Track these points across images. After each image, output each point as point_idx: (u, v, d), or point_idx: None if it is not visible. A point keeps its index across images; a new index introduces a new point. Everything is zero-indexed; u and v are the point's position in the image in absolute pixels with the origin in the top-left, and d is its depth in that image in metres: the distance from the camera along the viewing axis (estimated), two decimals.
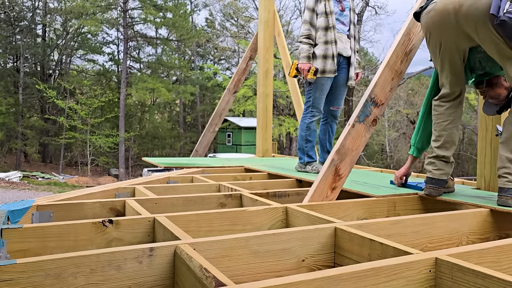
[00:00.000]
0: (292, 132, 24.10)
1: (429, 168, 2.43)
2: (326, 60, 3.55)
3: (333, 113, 3.82)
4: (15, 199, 13.16)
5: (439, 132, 2.44)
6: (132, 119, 28.92)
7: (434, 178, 2.39)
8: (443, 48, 2.34)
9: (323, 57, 3.55)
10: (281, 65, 14.75)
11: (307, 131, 3.68)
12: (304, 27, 3.59)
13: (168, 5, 26.27)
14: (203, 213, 1.85)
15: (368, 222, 1.70)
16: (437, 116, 2.46)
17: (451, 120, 2.42)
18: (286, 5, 65.45)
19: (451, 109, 2.43)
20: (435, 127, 2.47)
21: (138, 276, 1.27)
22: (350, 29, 3.70)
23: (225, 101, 6.19)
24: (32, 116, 26.89)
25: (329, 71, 3.56)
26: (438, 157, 2.42)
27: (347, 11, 3.69)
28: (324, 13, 3.56)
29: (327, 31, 3.55)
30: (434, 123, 2.48)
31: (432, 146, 2.47)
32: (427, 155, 2.54)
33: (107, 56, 30.00)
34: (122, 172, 24.17)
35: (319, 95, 3.63)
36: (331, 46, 3.55)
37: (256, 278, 1.42)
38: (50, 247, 1.57)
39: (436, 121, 2.47)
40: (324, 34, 3.55)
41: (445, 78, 2.42)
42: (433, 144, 2.47)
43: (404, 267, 1.20)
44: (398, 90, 28.11)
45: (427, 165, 2.45)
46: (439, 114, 2.45)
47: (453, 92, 2.42)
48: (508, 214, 2.07)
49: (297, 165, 3.73)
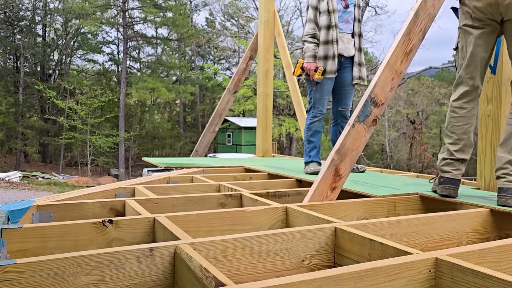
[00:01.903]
0: (292, 132, 24.11)
1: (447, 169, 2.36)
2: (326, 60, 3.50)
3: (342, 113, 3.74)
4: (15, 199, 13.16)
5: (459, 136, 2.36)
6: (132, 119, 28.93)
7: (453, 179, 2.33)
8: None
9: (324, 58, 3.51)
10: (281, 65, 14.75)
11: (308, 131, 3.66)
12: (309, 26, 3.52)
13: (169, 4, 26.28)
14: (203, 213, 1.85)
15: (368, 222, 1.70)
16: (458, 119, 2.36)
17: (472, 123, 2.36)
18: (286, 5, 65.51)
19: (473, 110, 2.36)
20: (454, 129, 2.37)
21: (138, 276, 1.27)
22: (355, 27, 3.62)
23: (225, 101, 6.19)
24: (32, 116, 26.89)
25: (330, 71, 3.51)
26: (457, 159, 2.36)
27: (352, 8, 3.60)
28: (327, 11, 3.49)
29: (328, 30, 3.49)
30: (452, 125, 2.39)
31: (450, 149, 2.38)
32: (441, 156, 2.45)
33: (107, 56, 30.08)
34: (122, 172, 24.17)
35: (319, 96, 3.58)
36: (332, 46, 3.49)
37: (256, 278, 1.42)
38: (50, 247, 1.57)
39: (456, 124, 2.37)
40: (325, 33, 3.49)
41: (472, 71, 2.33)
42: (451, 148, 2.38)
43: (404, 267, 1.20)
44: (398, 90, 28.10)
45: (443, 166, 2.38)
46: (461, 117, 2.36)
47: (477, 87, 2.35)
48: (508, 214, 2.07)
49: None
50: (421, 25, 2.46)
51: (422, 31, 2.48)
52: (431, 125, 34.94)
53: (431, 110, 33.73)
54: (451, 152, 2.39)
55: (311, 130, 3.65)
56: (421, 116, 33.48)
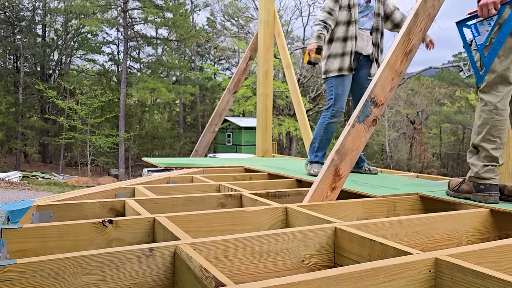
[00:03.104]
0: (292, 132, 24.10)
1: (489, 176, 2.23)
2: (344, 57, 3.37)
3: None
4: (15, 199, 13.16)
5: (502, 140, 2.24)
6: (132, 119, 28.93)
7: (495, 185, 2.22)
8: None
9: (341, 55, 3.37)
10: (281, 65, 14.75)
11: (321, 129, 3.46)
12: (322, 14, 3.37)
13: (169, 5, 26.29)
14: (203, 213, 1.85)
15: (368, 222, 1.70)
16: (503, 122, 2.22)
17: (509, 124, 2.29)
18: (286, 5, 65.45)
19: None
20: (499, 133, 2.22)
21: (138, 276, 1.27)
22: (376, 22, 3.46)
23: (225, 101, 6.19)
24: (32, 116, 26.89)
25: (346, 68, 3.37)
26: (500, 164, 2.25)
27: (373, 2, 3.47)
28: (347, 6, 3.35)
29: (348, 26, 3.36)
30: (497, 128, 2.23)
31: (495, 155, 2.23)
32: (479, 162, 2.28)
33: (107, 56, 30.07)
34: (122, 172, 24.17)
35: (341, 92, 3.39)
36: (350, 42, 3.36)
37: (256, 278, 1.42)
38: (50, 247, 1.57)
39: (501, 128, 2.22)
40: (345, 29, 3.36)
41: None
42: (495, 153, 2.23)
43: (404, 267, 1.20)
44: (398, 90, 28.10)
45: (485, 173, 2.23)
46: (505, 120, 2.23)
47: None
48: (508, 214, 2.07)
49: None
50: (421, 25, 2.47)
51: (422, 31, 2.48)
52: (431, 125, 34.95)
53: (431, 110, 33.73)
54: (494, 157, 2.23)
55: (325, 130, 3.46)
56: (421, 116, 33.49)
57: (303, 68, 23.55)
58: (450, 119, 32.43)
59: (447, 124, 33.52)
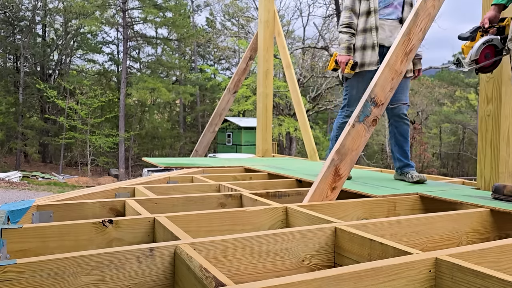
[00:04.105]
0: (292, 132, 24.10)
1: None
2: (365, 51, 3.15)
3: (394, 112, 3.23)
4: (15, 199, 13.16)
5: None
6: (132, 119, 28.93)
7: None
8: None
9: (362, 48, 3.16)
10: (281, 65, 14.75)
11: (338, 131, 3.30)
12: (344, 15, 3.19)
13: (169, 4, 26.28)
14: (203, 213, 1.85)
15: (368, 222, 1.70)
16: None
17: None
18: (286, 5, 65.54)
19: None
20: None
21: (138, 276, 1.27)
22: (404, 12, 3.17)
23: (225, 101, 6.19)
24: (32, 116, 26.90)
25: (369, 63, 3.14)
26: None
27: None
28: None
29: (368, 17, 3.14)
30: None
31: None
32: None
33: (106, 56, 30.07)
34: (122, 172, 24.17)
35: (356, 93, 3.21)
36: (370, 34, 3.13)
37: (256, 278, 1.42)
38: (50, 247, 1.57)
39: None
40: (364, 20, 3.15)
41: None
42: None
43: (404, 267, 1.20)
44: None
45: None
46: None
47: None
48: (508, 214, 2.07)
49: None
50: (421, 25, 2.47)
51: (422, 31, 2.48)
52: (431, 125, 34.95)
53: (431, 110, 33.73)
54: None
55: (339, 129, 3.30)
56: (421, 116, 33.48)
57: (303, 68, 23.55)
58: (450, 119, 32.45)
59: (447, 124, 33.54)
